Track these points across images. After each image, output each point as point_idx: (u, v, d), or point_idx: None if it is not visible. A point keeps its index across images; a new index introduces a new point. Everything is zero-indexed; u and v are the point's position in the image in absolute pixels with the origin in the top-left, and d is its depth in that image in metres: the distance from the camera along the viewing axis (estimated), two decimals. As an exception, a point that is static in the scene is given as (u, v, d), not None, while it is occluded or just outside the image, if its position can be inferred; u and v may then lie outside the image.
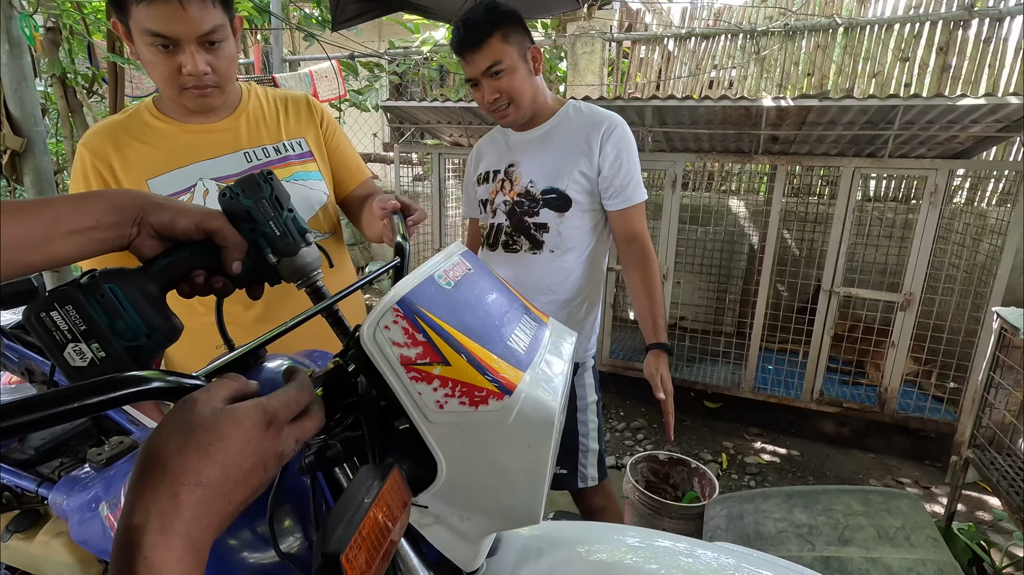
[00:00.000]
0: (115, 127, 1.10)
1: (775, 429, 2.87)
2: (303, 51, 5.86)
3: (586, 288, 1.44)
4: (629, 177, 1.35)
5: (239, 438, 0.39)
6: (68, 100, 2.87)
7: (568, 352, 0.60)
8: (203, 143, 1.12)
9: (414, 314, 0.50)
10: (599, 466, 1.50)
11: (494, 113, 1.37)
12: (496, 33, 1.27)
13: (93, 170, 1.07)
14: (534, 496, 0.53)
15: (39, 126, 1.81)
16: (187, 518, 0.35)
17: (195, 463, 0.37)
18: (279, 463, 0.42)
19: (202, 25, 0.96)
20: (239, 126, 1.16)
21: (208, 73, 1.02)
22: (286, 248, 0.59)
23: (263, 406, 0.42)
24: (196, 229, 0.56)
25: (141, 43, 0.98)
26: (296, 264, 0.60)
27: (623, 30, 4.16)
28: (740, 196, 3.65)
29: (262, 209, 0.58)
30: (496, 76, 1.30)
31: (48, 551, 0.86)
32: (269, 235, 0.59)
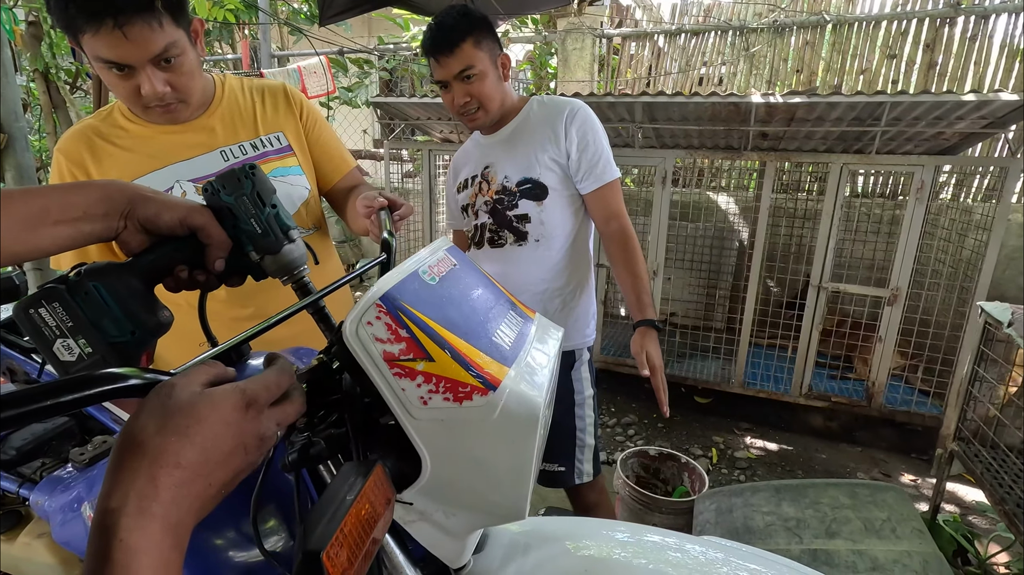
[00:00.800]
0: (89, 131, 1.08)
1: (764, 424, 2.89)
2: (291, 46, 5.81)
3: (576, 274, 1.46)
4: (597, 156, 1.35)
5: (218, 420, 0.39)
6: (51, 96, 2.82)
7: (554, 348, 0.60)
8: (178, 144, 1.10)
9: (397, 310, 0.50)
10: (594, 461, 1.49)
11: (463, 116, 1.39)
12: (469, 38, 1.28)
13: (69, 174, 1.05)
14: (519, 492, 0.52)
15: (20, 121, 1.78)
16: (165, 500, 0.35)
17: (174, 445, 0.36)
18: (261, 446, 0.42)
19: (151, 48, 0.92)
20: (214, 124, 1.13)
21: (169, 91, 0.99)
22: (268, 246, 0.58)
23: (242, 389, 0.41)
24: (181, 224, 0.56)
25: (97, 67, 0.95)
26: (279, 262, 0.60)
27: (613, 26, 4.16)
28: (730, 193, 3.67)
29: (243, 206, 0.57)
30: (467, 80, 1.32)
31: (30, 552, 0.85)
32: (250, 233, 0.58)
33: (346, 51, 4.49)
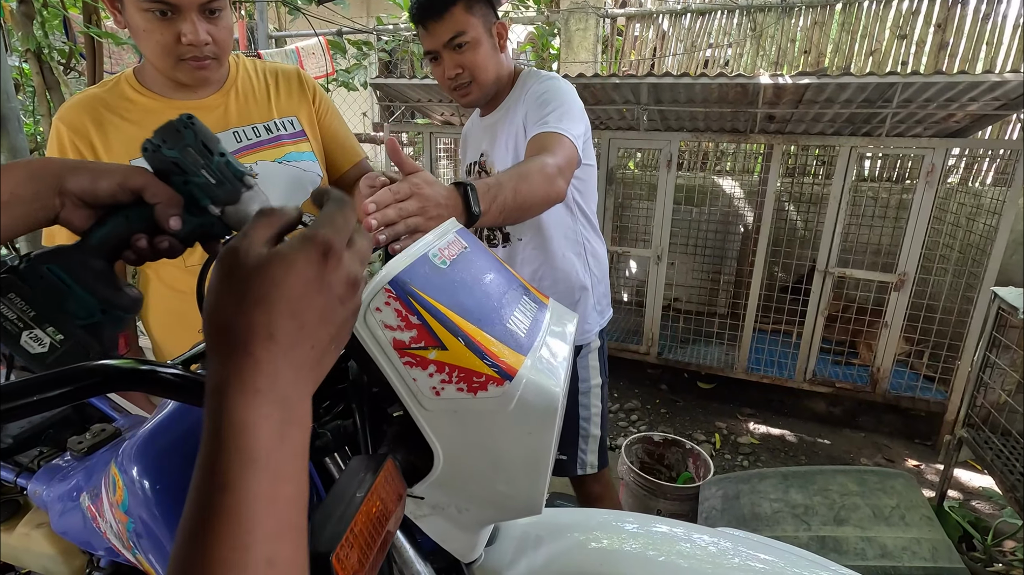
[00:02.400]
0: (95, 101, 1.04)
1: (768, 409, 2.88)
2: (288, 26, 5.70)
3: (573, 265, 1.38)
4: (549, 110, 1.18)
5: (298, 279, 0.35)
6: (44, 77, 2.76)
7: (570, 335, 0.57)
8: None
9: (407, 295, 0.47)
10: (600, 453, 1.46)
11: (454, 91, 1.29)
12: (460, 2, 1.18)
13: (71, 146, 1.02)
14: (535, 486, 0.50)
15: (12, 102, 1.74)
16: (268, 373, 0.33)
17: (261, 318, 0.33)
18: (354, 291, 0.38)
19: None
20: (228, 103, 1.11)
21: (209, 43, 0.97)
22: (226, 195, 0.54)
23: (312, 238, 0.37)
24: (121, 189, 0.51)
25: (134, 9, 0.92)
26: (241, 211, 0.56)
27: (617, 6, 4.07)
28: (735, 176, 3.62)
29: (189, 157, 0.53)
30: (459, 49, 1.22)
31: (29, 543, 0.83)
32: (203, 184, 0.53)
33: (345, 31, 4.40)
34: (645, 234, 3.23)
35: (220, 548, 0.28)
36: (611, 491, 1.53)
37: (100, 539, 0.73)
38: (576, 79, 2.63)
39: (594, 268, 1.41)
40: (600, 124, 3.10)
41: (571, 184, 1.30)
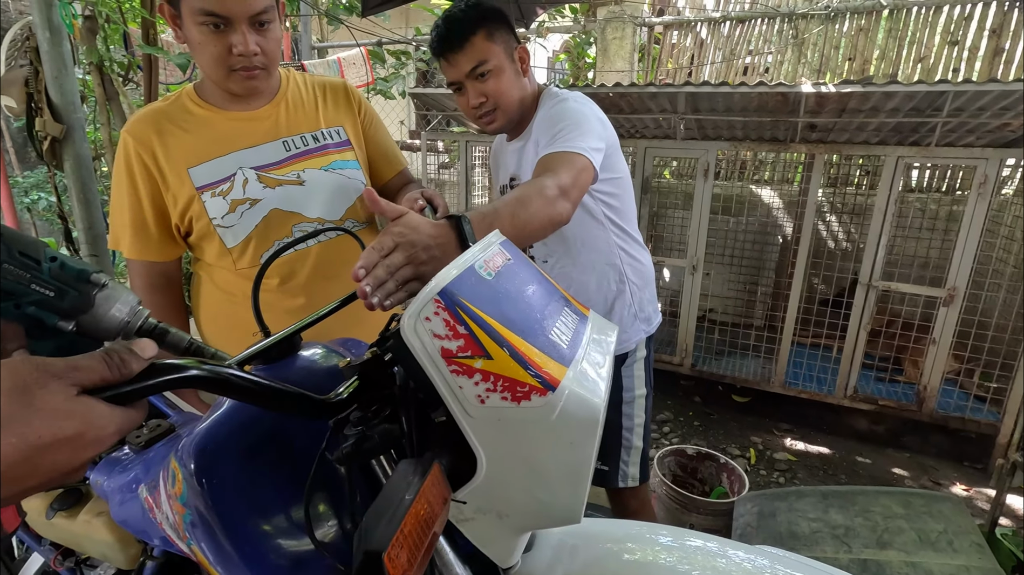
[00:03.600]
0: (158, 114, 1.11)
1: (806, 425, 2.80)
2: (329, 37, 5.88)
3: (606, 278, 1.37)
4: (557, 130, 1.15)
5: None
6: (105, 88, 2.92)
7: (610, 347, 0.58)
8: (243, 131, 1.13)
9: (455, 305, 0.49)
10: (642, 466, 1.43)
11: (480, 119, 1.28)
12: (480, 31, 1.18)
13: (136, 157, 1.08)
14: (575, 495, 0.51)
15: (78, 113, 1.85)
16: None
17: None
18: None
19: (254, 4, 0.97)
20: (278, 114, 1.16)
21: (258, 54, 1.02)
22: (73, 305, 0.46)
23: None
24: None
25: (191, 23, 0.98)
26: (100, 317, 0.48)
27: (655, 14, 4.06)
28: (774, 186, 3.55)
29: (11, 276, 0.44)
30: (481, 78, 1.21)
31: (90, 530, 0.88)
32: (40, 301, 0.45)
33: (384, 42, 4.51)
34: (680, 243, 3.19)
35: None
36: (648, 508, 1.50)
37: (155, 529, 0.77)
38: (612, 88, 2.63)
39: (633, 276, 1.39)
40: (636, 133, 3.09)
41: (599, 198, 1.31)
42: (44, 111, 1.82)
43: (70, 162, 1.88)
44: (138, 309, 0.51)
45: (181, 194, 1.10)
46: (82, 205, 1.93)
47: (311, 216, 1.16)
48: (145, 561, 0.88)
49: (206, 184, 1.10)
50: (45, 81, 1.80)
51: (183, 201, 1.10)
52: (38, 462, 0.36)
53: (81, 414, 0.38)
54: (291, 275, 1.16)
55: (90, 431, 0.39)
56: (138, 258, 1.15)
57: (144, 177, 1.10)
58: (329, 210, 1.18)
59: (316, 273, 1.18)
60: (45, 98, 1.81)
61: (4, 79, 1.88)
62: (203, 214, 1.11)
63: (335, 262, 1.20)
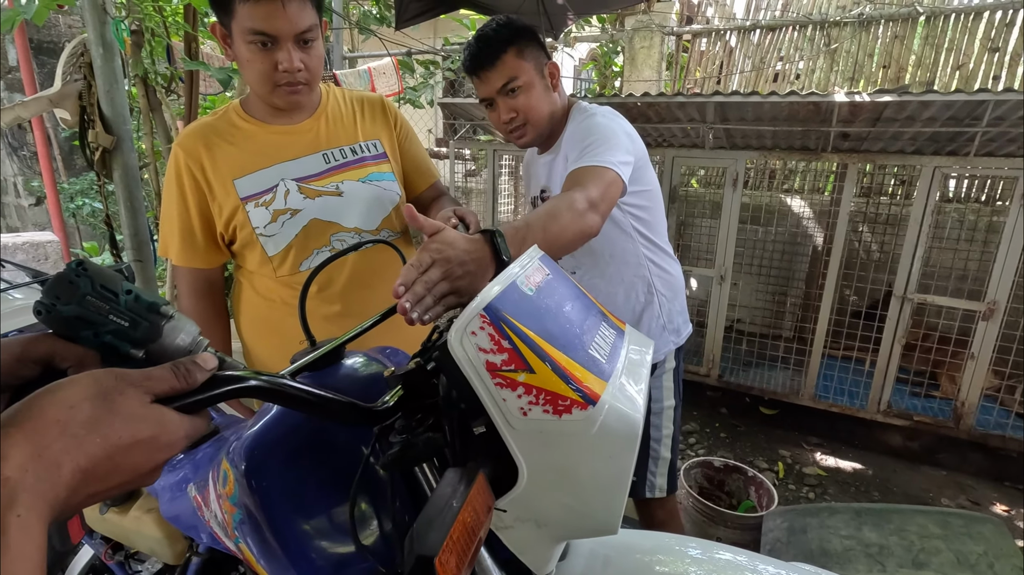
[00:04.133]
0: (207, 128, 1.17)
1: (836, 439, 2.74)
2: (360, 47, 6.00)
3: (633, 288, 1.38)
4: (586, 144, 1.17)
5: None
6: (149, 99, 3.04)
7: (648, 361, 0.59)
8: (285, 144, 1.18)
9: (500, 320, 0.51)
10: (669, 477, 1.43)
11: (510, 134, 1.31)
12: (511, 49, 1.22)
13: (186, 169, 1.14)
14: (613, 507, 0.52)
15: (127, 125, 1.94)
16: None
17: None
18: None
19: (299, 24, 1.02)
20: (319, 127, 1.21)
21: (301, 70, 1.07)
22: (145, 335, 0.50)
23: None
24: (23, 363, 0.47)
25: (241, 42, 1.04)
26: (167, 346, 0.51)
27: (683, 23, 4.05)
28: (804, 195, 3.50)
29: (92, 307, 0.48)
30: (512, 94, 1.25)
31: (140, 525, 0.93)
32: (117, 331, 0.49)
33: (414, 52, 4.59)
34: (708, 253, 3.17)
35: None
36: (676, 519, 1.49)
37: (203, 526, 0.81)
38: (640, 98, 2.64)
39: (662, 288, 1.40)
40: (663, 142, 3.09)
41: (628, 210, 1.33)
42: (96, 123, 1.92)
43: (119, 171, 1.97)
44: (199, 339, 0.54)
45: (226, 204, 1.15)
46: (129, 212, 2.02)
47: (348, 226, 1.20)
48: (191, 557, 0.92)
49: (250, 195, 1.15)
50: (97, 95, 1.89)
51: (228, 211, 1.15)
52: (119, 461, 0.39)
53: (155, 419, 0.42)
54: (328, 283, 1.20)
55: (163, 435, 0.42)
56: (185, 265, 1.21)
57: (193, 188, 1.15)
58: (366, 220, 1.22)
59: (352, 282, 1.22)
60: (97, 111, 1.90)
61: (60, 93, 1.98)
62: (246, 223, 1.15)
63: (370, 271, 1.23)
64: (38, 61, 5.24)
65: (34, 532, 0.33)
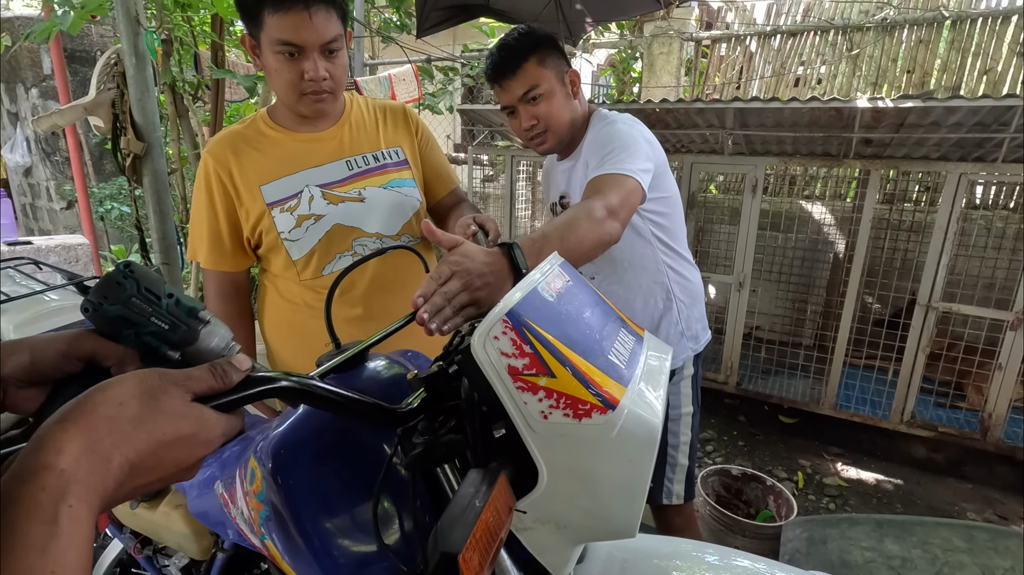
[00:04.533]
0: (235, 136, 1.20)
1: (858, 450, 2.70)
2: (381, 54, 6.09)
3: (652, 294, 1.39)
4: (605, 152, 1.18)
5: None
6: (176, 106, 3.13)
7: (666, 367, 0.60)
8: (310, 151, 1.21)
9: (521, 325, 0.52)
10: (687, 484, 1.43)
11: (531, 141, 1.33)
12: (532, 57, 1.24)
13: (215, 175, 1.18)
14: (631, 511, 0.53)
15: (157, 132, 2.00)
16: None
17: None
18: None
19: (325, 34, 1.05)
20: (342, 135, 1.24)
21: (326, 79, 1.10)
22: (182, 338, 0.52)
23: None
24: (67, 359, 0.50)
25: (269, 52, 1.08)
26: (202, 350, 0.53)
27: (702, 28, 4.04)
28: (825, 202, 3.46)
29: (135, 309, 0.50)
30: (533, 102, 1.26)
31: (168, 521, 0.96)
32: (157, 333, 0.51)
33: (433, 59, 4.64)
34: (726, 259, 3.15)
35: None
36: (693, 526, 1.49)
37: (229, 523, 0.83)
38: (659, 104, 2.64)
39: (680, 295, 1.41)
40: (681, 148, 3.08)
41: (647, 217, 1.34)
42: (128, 130, 1.98)
43: (148, 177, 2.03)
44: (232, 344, 0.57)
45: (253, 209, 1.18)
46: (158, 217, 2.08)
47: (370, 231, 1.23)
48: (216, 553, 0.94)
49: (276, 200, 1.18)
50: (129, 103, 1.95)
51: (255, 216, 1.19)
52: (162, 456, 0.41)
53: (195, 417, 0.44)
54: (350, 287, 1.23)
55: (202, 432, 0.44)
56: (213, 269, 1.24)
57: (221, 194, 1.19)
58: (387, 225, 1.25)
59: (373, 286, 1.24)
60: (129, 118, 1.97)
61: (94, 101, 2.05)
62: (272, 228, 1.18)
63: (391, 275, 1.26)
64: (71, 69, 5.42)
65: (84, 522, 0.35)
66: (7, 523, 0.32)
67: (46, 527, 0.33)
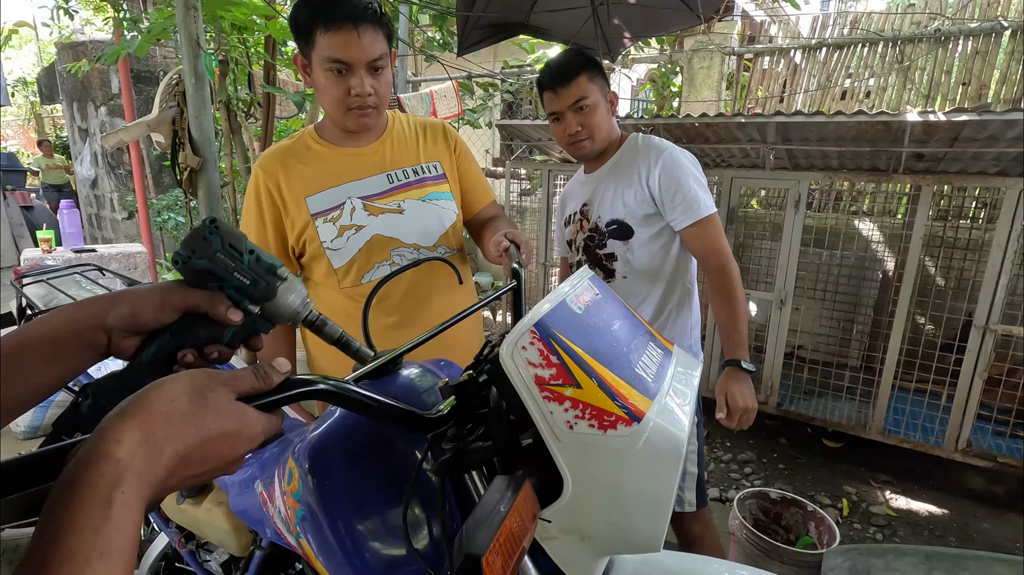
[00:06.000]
0: (285, 151, 1.27)
1: (908, 478, 2.56)
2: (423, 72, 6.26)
3: (667, 306, 1.49)
4: (684, 194, 1.38)
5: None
6: (230, 123, 3.30)
7: (695, 382, 0.60)
8: (353, 165, 1.26)
9: (549, 337, 0.53)
10: (698, 491, 1.47)
11: (571, 145, 1.48)
12: (584, 73, 1.40)
13: (264, 188, 1.24)
14: (656, 524, 0.53)
15: (212, 147, 2.12)
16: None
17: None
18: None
19: (372, 52, 1.11)
20: (384, 150, 1.29)
21: (371, 95, 1.15)
22: (262, 293, 0.55)
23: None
24: (163, 310, 0.54)
25: (319, 70, 1.14)
26: (280, 305, 0.57)
27: (744, 42, 3.99)
28: (873, 218, 3.33)
29: (220, 263, 0.53)
30: (581, 111, 1.42)
31: (211, 517, 1.00)
32: (239, 287, 0.54)
33: (474, 76, 4.74)
34: (767, 276, 3.07)
35: None
36: (712, 533, 1.52)
37: (267, 521, 0.86)
38: (698, 118, 2.62)
39: (691, 306, 1.54)
40: (722, 162, 3.04)
41: (684, 242, 1.46)
42: (185, 145, 2.10)
43: (203, 190, 2.15)
44: (308, 301, 0.60)
45: (298, 219, 1.24)
46: (210, 227, 2.18)
47: (408, 242, 1.27)
48: (254, 550, 0.98)
49: (320, 211, 1.23)
50: (188, 120, 2.08)
51: (299, 226, 1.24)
52: (208, 451, 0.44)
53: (239, 415, 0.47)
54: (386, 296, 1.26)
55: (245, 429, 0.47)
56: None
57: (269, 205, 1.25)
58: (424, 237, 1.28)
59: (409, 295, 1.28)
60: (187, 134, 2.09)
61: (157, 118, 2.19)
62: (315, 237, 1.24)
63: (426, 285, 1.29)
64: (136, 88, 5.78)
65: (134, 508, 0.38)
66: (68, 503, 0.36)
67: (100, 510, 0.36)
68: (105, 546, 0.35)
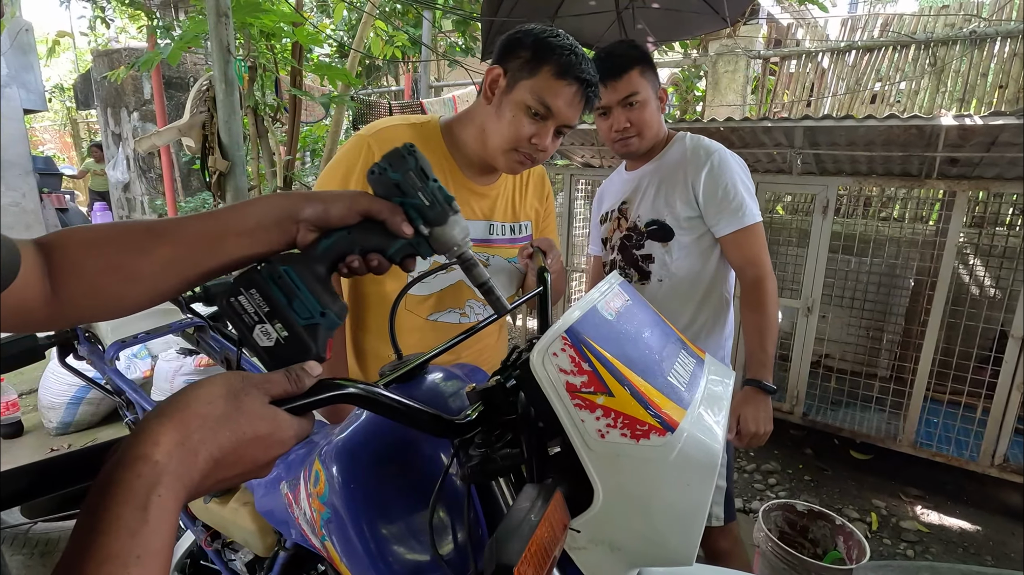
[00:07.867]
0: (410, 136, 1.12)
1: (941, 493, 2.48)
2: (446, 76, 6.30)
3: (702, 313, 1.44)
4: (729, 200, 1.33)
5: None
6: (257, 127, 3.36)
7: (728, 393, 0.58)
8: (467, 201, 1.18)
9: (581, 343, 0.52)
10: (726, 505, 1.43)
11: (617, 142, 1.42)
12: (636, 68, 1.33)
13: (366, 166, 1.03)
14: (689, 537, 0.52)
15: (240, 151, 2.16)
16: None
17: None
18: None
19: (572, 119, 1.05)
20: (497, 195, 1.23)
21: (543, 152, 1.08)
22: (436, 217, 0.59)
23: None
24: (349, 212, 0.58)
25: (520, 99, 1.03)
26: (446, 233, 0.60)
27: (770, 46, 3.93)
28: (905, 224, 3.25)
29: (409, 181, 0.58)
30: (630, 107, 1.35)
31: (237, 517, 1.01)
32: (418, 206, 0.59)
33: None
34: (793, 283, 3.01)
35: None
36: (740, 549, 1.48)
37: (292, 523, 0.87)
38: (723, 123, 2.58)
39: (728, 318, 1.47)
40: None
41: (724, 249, 1.41)
42: (215, 150, 2.15)
43: (231, 192, 2.19)
44: (468, 239, 0.64)
45: None
46: (236, 230, 2.23)
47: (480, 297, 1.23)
48: (279, 551, 0.98)
49: None
50: (218, 124, 2.12)
51: None
52: (242, 453, 0.44)
53: (271, 418, 0.47)
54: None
55: (277, 432, 0.47)
56: None
57: (362, 185, 1.05)
58: (503, 288, 1.25)
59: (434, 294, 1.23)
60: (216, 139, 2.13)
61: (188, 123, 2.24)
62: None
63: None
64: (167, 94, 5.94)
65: (170, 510, 0.38)
66: (106, 505, 0.36)
67: (138, 512, 0.36)
68: (142, 550, 0.35)
